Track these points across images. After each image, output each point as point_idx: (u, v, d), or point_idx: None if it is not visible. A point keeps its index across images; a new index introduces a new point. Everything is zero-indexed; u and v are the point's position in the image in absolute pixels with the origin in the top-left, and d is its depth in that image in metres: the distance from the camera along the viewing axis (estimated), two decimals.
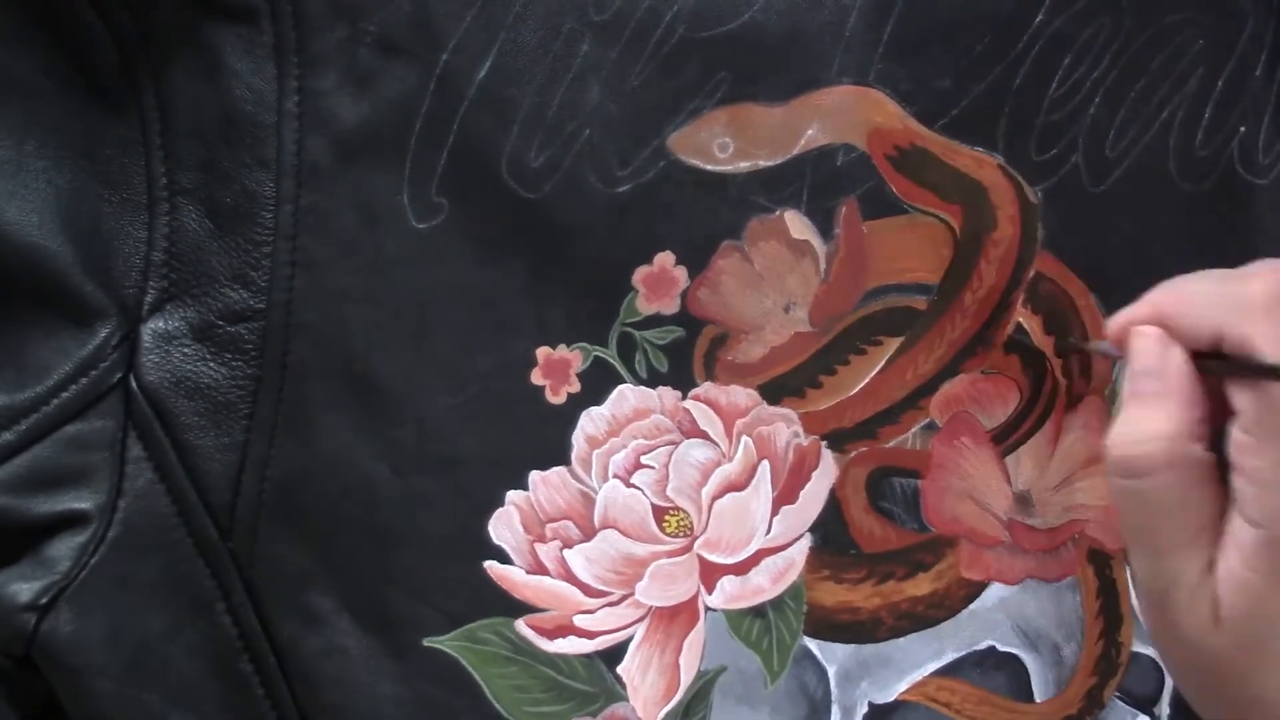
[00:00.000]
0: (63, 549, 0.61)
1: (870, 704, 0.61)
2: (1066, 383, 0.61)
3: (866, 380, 0.60)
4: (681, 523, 0.60)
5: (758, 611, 0.61)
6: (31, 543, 0.61)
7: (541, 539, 0.60)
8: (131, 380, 0.61)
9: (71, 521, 0.61)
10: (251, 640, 0.61)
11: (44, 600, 0.60)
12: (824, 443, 0.61)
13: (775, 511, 0.60)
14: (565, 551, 0.60)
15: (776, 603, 0.61)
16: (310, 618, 0.61)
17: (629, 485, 0.60)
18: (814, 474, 0.60)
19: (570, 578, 0.60)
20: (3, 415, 0.60)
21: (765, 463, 0.60)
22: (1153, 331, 0.53)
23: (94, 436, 0.61)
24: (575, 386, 0.60)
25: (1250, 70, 0.62)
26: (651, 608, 0.60)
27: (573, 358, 0.60)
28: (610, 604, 0.60)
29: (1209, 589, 0.51)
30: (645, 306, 0.60)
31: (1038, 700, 0.62)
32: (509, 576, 0.60)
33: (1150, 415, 0.52)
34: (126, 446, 0.61)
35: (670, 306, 0.60)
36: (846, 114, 0.60)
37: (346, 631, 0.61)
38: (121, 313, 0.61)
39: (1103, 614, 0.61)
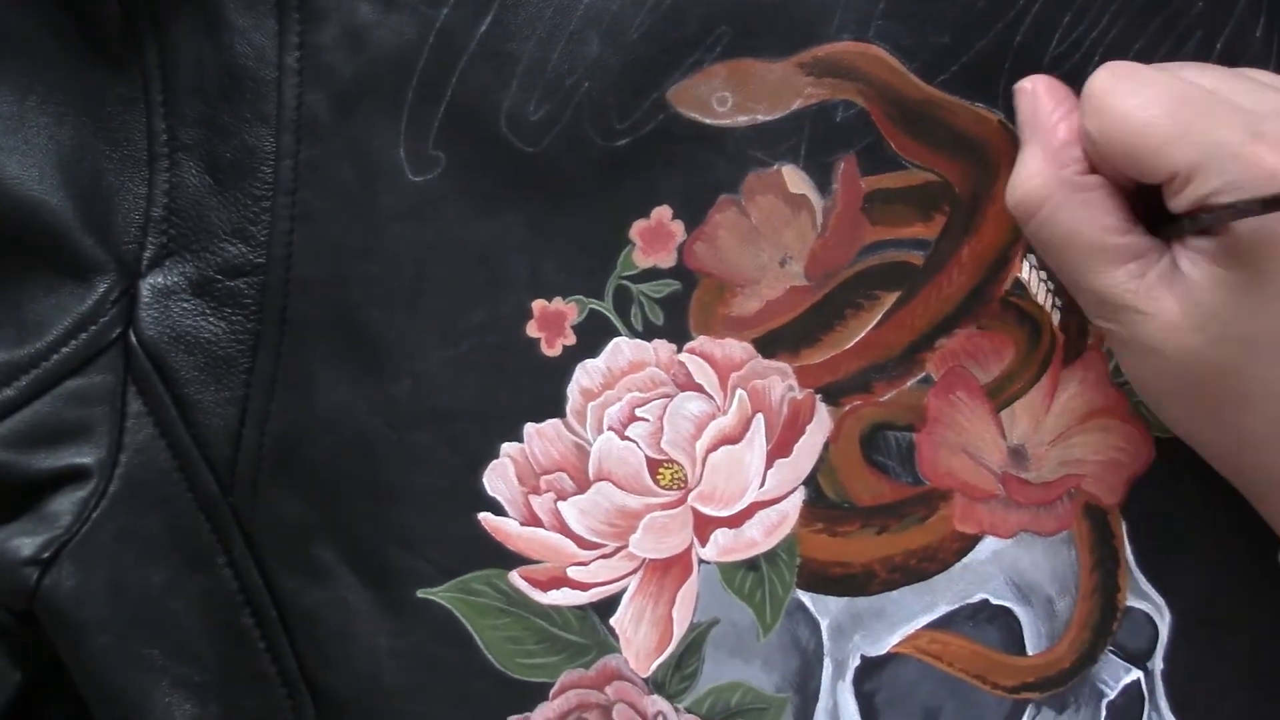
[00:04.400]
0: (64, 504, 0.61)
1: (862, 657, 0.61)
2: (1064, 338, 0.61)
3: (862, 334, 0.60)
4: (676, 475, 0.60)
5: (751, 564, 0.61)
6: (33, 498, 0.61)
7: (536, 491, 0.60)
8: (131, 335, 0.61)
9: (72, 476, 0.61)
10: (252, 594, 0.61)
11: (46, 555, 0.61)
12: (819, 396, 0.60)
13: (769, 465, 0.60)
14: (559, 504, 0.60)
15: (770, 556, 0.61)
16: (310, 571, 0.61)
17: (623, 438, 0.60)
18: (808, 427, 0.60)
19: (564, 530, 0.60)
20: (2, 371, 0.61)
21: (760, 416, 0.60)
22: (1027, 87, 0.59)
23: (94, 391, 0.61)
24: (570, 339, 0.60)
25: (1249, 33, 0.62)
26: (645, 560, 0.60)
27: (568, 310, 0.60)
28: (604, 556, 0.60)
29: (1162, 294, 0.54)
30: (642, 260, 0.60)
31: (1030, 653, 0.61)
32: (503, 528, 0.60)
33: (1027, 159, 0.57)
34: (126, 401, 0.61)
35: (667, 260, 0.60)
36: (846, 70, 0.60)
37: (345, 585, 0.61)
38: (121, 268, 0.61)
39: (1098, 568, 0.61)
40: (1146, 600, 0.62)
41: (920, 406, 0.61)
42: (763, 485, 0.60)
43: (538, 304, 0.60)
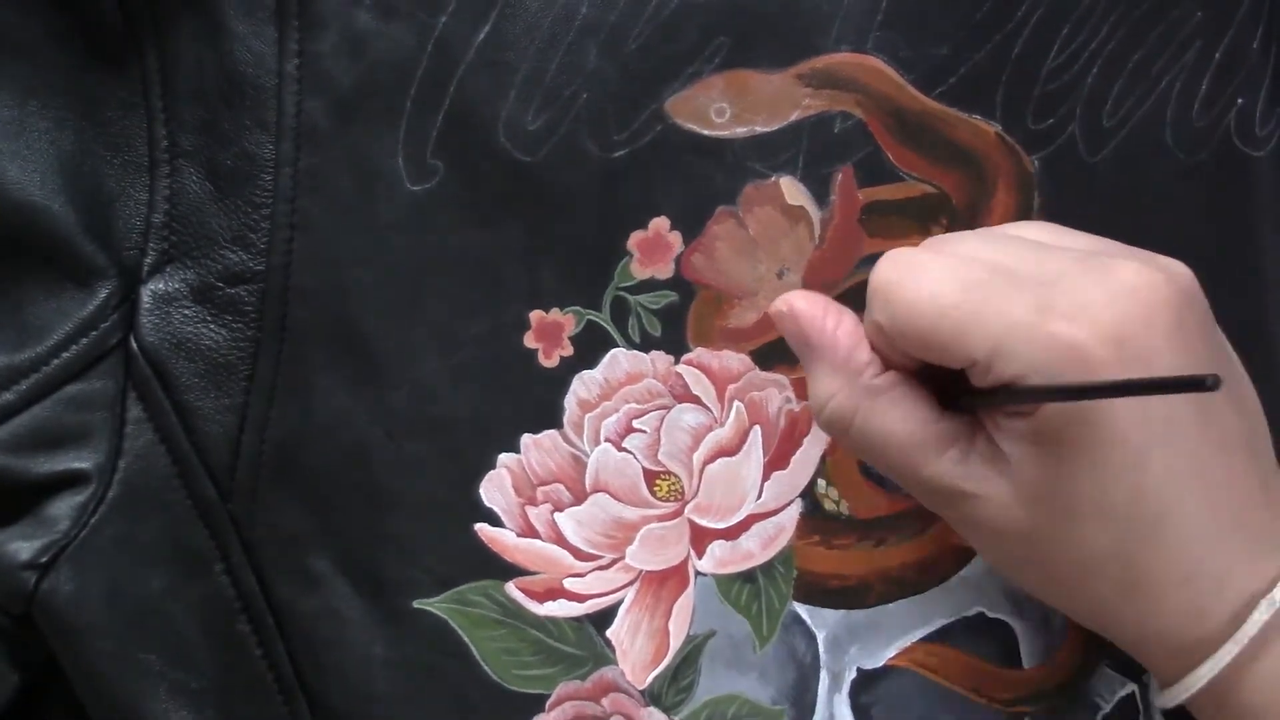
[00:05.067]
0: (63, 508, 0.61)
1: (859, 670, 0.61)
2: None
3: None
4: (672, 487, 0.60)
5: (747, 577, 0.61)
6: (31, 502, 0.61)
7: (532, 502, 0.60)
8: (131, 341, 0.61)
9: (71, 481, 0.61)
10: (249, 601, 0.61)
11: (44, 559, 0.61)
12: None
13: (766, 477, 0.60)
14: (556, 515, 0.60)
15: (766, 568, 0.61)
16: (307, 580, 0.61)
17: (620, 449, 0.60)
18: (805, 440, 0.60)
19: (561, 541, 0.60)
20: (2, 375, 0.61)
21: (757, 428, 0.60)
22: (783, 309, 0.58)
23: (94, 397, 0.61)
24: (568, 350, 0.60)
25: (1248, 43, 0.62)
26: (641, 572, 0.60)
27: (565, 321, 0.60)
28: (600, 568, 0.60)
29: (989, 475, 0.54)
30: (639, 271, 0.60)
31: (1026, 666, 0.62)
32: (500, 539, 0.60)
33: (818, 379, 0.57)
34: (126, 407, 0.61)
35: (664, 271, 0.60)
36: (844, 81, 0.60)
37: (342, 594, 0.61)
38: (122, 274, 0.61)
39: None
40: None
41: None
42: (760, 497, 0.60)
43: (535, 314, 0.60)
